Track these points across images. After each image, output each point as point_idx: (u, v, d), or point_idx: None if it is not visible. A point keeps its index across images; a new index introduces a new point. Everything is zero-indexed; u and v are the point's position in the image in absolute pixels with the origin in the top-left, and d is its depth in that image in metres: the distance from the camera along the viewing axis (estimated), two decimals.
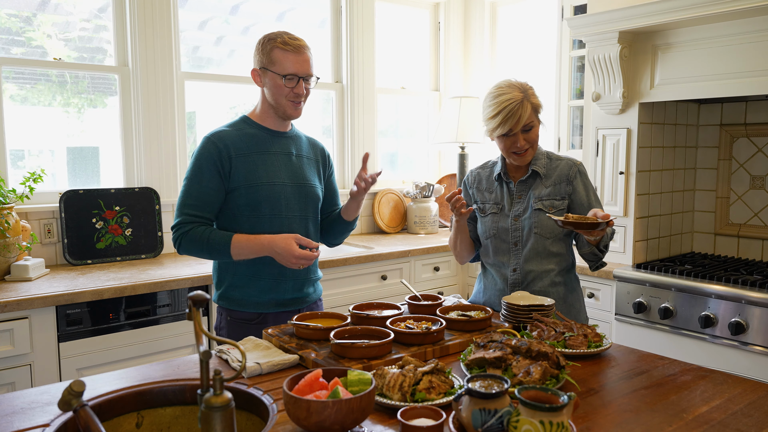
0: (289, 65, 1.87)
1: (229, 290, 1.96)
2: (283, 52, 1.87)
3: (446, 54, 4.26)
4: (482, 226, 2.09)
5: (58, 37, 2.96)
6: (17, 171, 2.84)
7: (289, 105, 1.92)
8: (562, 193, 1.99)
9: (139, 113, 3.05)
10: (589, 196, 2.01)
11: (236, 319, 1.97)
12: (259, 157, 1.93)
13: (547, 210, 1.97)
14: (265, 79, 1.91)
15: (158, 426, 1.29)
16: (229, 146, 1.89)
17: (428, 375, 1.29)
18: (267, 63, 1.88)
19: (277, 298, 1.96)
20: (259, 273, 1.94)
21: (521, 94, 1.89)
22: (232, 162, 1.89)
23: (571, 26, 2.90)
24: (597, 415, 1.25)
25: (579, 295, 2.10)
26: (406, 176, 4.22)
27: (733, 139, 3.06)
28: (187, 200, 1.88)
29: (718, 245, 3.13)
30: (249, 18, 3.55)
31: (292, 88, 1.89)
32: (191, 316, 1.04)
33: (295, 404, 1.07)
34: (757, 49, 2.43)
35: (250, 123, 1.98)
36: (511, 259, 2.02)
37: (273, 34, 1.91)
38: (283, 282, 1.96)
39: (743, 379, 1.46)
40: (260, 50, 1.91)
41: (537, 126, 1.96)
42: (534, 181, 2.02)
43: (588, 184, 2.03)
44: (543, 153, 2.05)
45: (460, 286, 3.61)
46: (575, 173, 2.01)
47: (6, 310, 2.17)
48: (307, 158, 2.05)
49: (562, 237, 2.00)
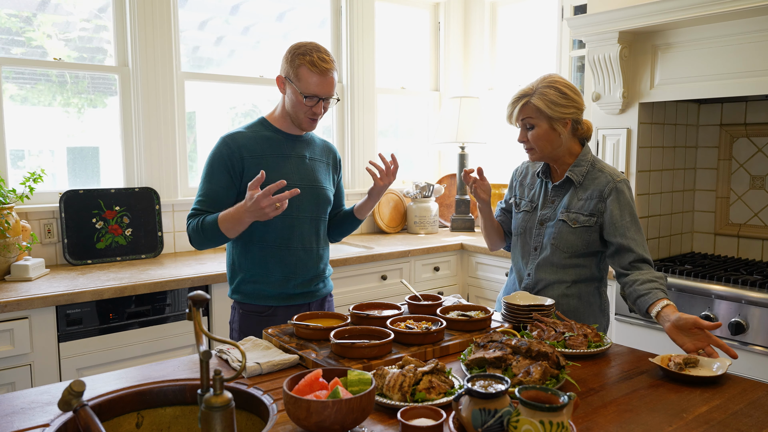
0: (313, 86, 1.89)
1: (241, 285, 2.02)
2: (310, 72, 1.88)
3: (446, 54, 4.26)
4: (515, 221, 2.05)
5: (58, 37, 2.96)
6: (17, 171, 2.85)
7: (305, 120, 1.96)
8: (592, 210, 1.86)
9: (139, 113, 3.05)
10: (624, 218, 1.83)
11: (247, 312, 2.03)
12: (273, 160, 1.97)
13: (570, 224, 1.88)
14: (287, 89, 1.94)
15: (158, 426, 1.29)
16: (241, 147, 1.93)
17: (428, 375, 1.29)
18: (292, 77, 1.91)
19: (287, 292, 2.01)
20: (269, 268, 1.99)
21: (532, 89, 1.86)
22: (244, 163, 1.93)
23: (571, 26, 2.90)
24: (597, 415, 1.25)
25: (596, 309, 1.97)
26: (406, 176, 4.22)
27: (733, 139, 3.06)
28: (199, 197, 1.96)
29: (718, 245, 3.13)
30: (249, 18, 3.55)
31: (312, 107, 1.92)
32: (191, 316, 1.04)
33: (295, 404, 1.07)
34: (757, 49, 2.43)
35: (266, 125, 2.02)
36: (529, 263, 1.98)
37: (305, 48, 1.90)
38: (293, 277, 2.01)
39: (743, 379, 1.46)
40: (289, 61, 1.92)
41: (542, 128, 1.85)
42: (569, 188, 1.92)
43: (625, 203, 1.84)
44: (588, 160, 1.91)
45: (461, 286, 3.61)
46: (611, 190, 1.85)
47: (6, 310, 2.17)
48: (320, 161, 2.10)
49: (583, 253, 1.90)
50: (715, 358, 1.53)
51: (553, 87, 1.83)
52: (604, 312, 2.01)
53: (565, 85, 1.85)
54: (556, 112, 1.83)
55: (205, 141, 3.41)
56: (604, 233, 1.86)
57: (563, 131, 1.86)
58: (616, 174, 1.88)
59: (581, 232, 1.87)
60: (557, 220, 1.90)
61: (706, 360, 1.51)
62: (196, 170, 3.35)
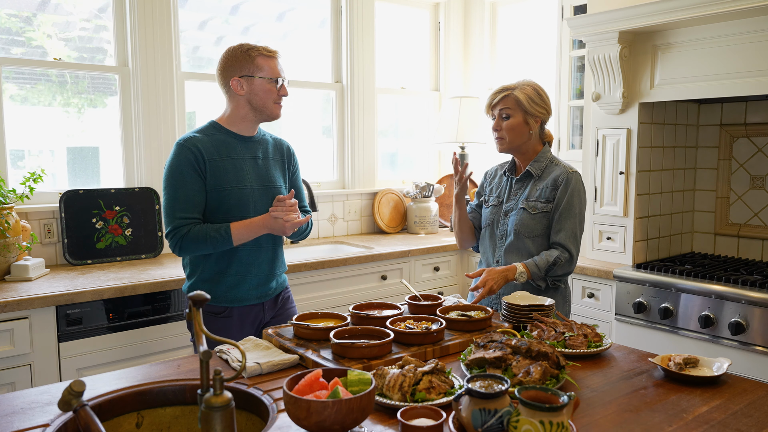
0: (274, 70, 2.02)
1: (198, 284, 2.05)
2: (267, 58, 2.01)
3: (446, 54, 4.26)
4: (484, 215, 2.25)
5: (58, 37, 2.96)
6: (17, 171, 2.84)
7: (275, 107, 2.05)
8: (548, 196, 2.08)
9: (139, 113, 3.05)
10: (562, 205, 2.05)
11: (205, 312, 2.05)
12: (229, 162, 2.01)
13: (530, 210, 2.09)
14: (247, 86, 2.00)
15: (158, 426, 1.29)
16: (201, 150, 1.97)
17: (428, 375, 1.29)
18: (253, 69, 1.99)
19: (241, 294, 2.05)
20: (225, 270, 2.03)
21: (515, 85, 2.11)
22: (207, 166, 1.97)
23: (571, 26, 2.90)
24: (597, 415, 1.25)
25: (561, 293, 2.13)
26: (406, 176, 4.22)
27: (733, 139, 3.06)
28: (176, 205, 1.95)
29: (718, 245, 3.13)
30: (249, 18, 3.55)
31: (278, 89, 2.03)
32: (191, 316, 1.04)
33: (295, 404, 1.07)
34: (757, 49, 2.43)
35: (219, 128, 2.06)
36: (496, 250, 2.18)
37: (245, 45, 2.01)
38: (248, 279, 2.05)
39: (743, 379, 1.46)
40: (240, 60, 1.99)
41: (517, 119, 2.08)
42: (529, 181, 2.15)
43: (571, 193, 2.06)
44: (547, 158, 2.15)
45: (460, 286, 3.61)
46: (563, 180, 2.07)
47: (6, 310, 2.17)
48: (273, 160, 2.14)
49: (543, 237, 2.09)
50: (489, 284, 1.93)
51: (532, 87, 2.11)
52: (566, 299, 2.16)
53: (542, 89, 2.14)
54: (532, 107, 2.08)
55: None
56: (550, 214, 2.08)
57: (534, 127, 2.11)
58: (569, 167, 2.12)
59: (540, 218, 2.08)
60: (519, 208, 2.12)
61: (706, 360, 1.51)
62: None
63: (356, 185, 3.88)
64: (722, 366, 1.46)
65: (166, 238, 1.98)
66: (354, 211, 3.86)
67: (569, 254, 2.04)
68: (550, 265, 2.01)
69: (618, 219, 2.94)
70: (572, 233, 2.05)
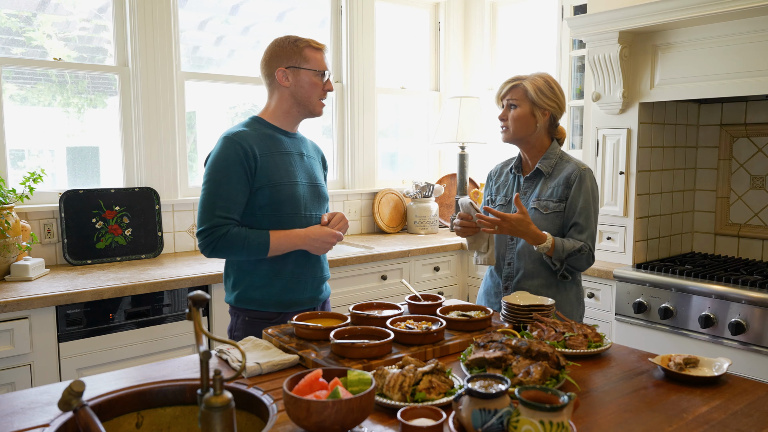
0: (321, 62, 1.97)
1: (249, 291, 1.96)
2: (315, 50, 1.96)
3: (446, 54, 4.26)
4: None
5: (58, 37, 2.96)
6: (17, 171, 2.84)
7: (319, 103, 2.00)
8: (560, 195, 2.01)
9: (139, 113, 3.05)
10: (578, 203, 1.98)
11: (255, 318, 1.97)
12: (279, 157, 1.95)
13: (542, 210, 2.02)
14: (293, 78, 1.94)
15: (158, 426, 1.28)
16: (252, 146, 1.89)
17: (428, 375, 1.28)
18: (300, 61, 1.94)
19: (297, 297, 1.99)
20: (280, 273, 1.96)
21: (525, 76, 2.05)
22: (258, 161, 1.89)
23: (571, 26, 2.90)
24: (597, 415, 1.25)
25: (571, 297, 2.07)
26: (406, 176, 4.22)
27: (733, 139, 3.06)
28: (218, 202, 1.85)
29: (718, 245, 3.13)
30: (249, 18, 3.55)
31: (324, 84, 1.98)
32: (191, 316, 1.04)
33: (295, 404, 1.07)
34: (757, 49, 2.43)
35: (264, 123, 1.99)
36: (507, 252, 2.10)
37: (292, 37, 1.97)
38: (303, 281, 1.99)
39: (743, 379, 1.46)
40: (288, 50, 1.94)
41: (523, 110, 2.02)
42: (539, 179, 2.07)
43: (588, 193, 2.00)
44: (557, 154, 2.08)
45: (460, 286, 3.61)
46: (576, 177, 2.00)
47: (6, 310, 2.17)
48: (314, 159, 2.10)
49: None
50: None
51: (543, 79, 2.04)
52: (580, 301, 2.10)
53: (555, 82, 2.06)
54: (540, 99, 2.01)
55: (205, 141, 3.41)
56: (565, 214, 2.01)
57: (541, 119, 2.03)
58: (581, 164, 2.04)
59: (553, 218, 2.01)
60: (530, 208, 2.04)
61: (706, 360, 1.51)
62: (196, 170, 3.34)
63: (356, 185, 3.88)
64: (722, 366, 1.46)
65: (198, 236, 1.87)
66: (354, 211, 3.86)
67: (590, 252, 1.99)
68: (575, 251, 1.94)
69: (618, 219, 2.94)
70: (591, 234, 1.99)
